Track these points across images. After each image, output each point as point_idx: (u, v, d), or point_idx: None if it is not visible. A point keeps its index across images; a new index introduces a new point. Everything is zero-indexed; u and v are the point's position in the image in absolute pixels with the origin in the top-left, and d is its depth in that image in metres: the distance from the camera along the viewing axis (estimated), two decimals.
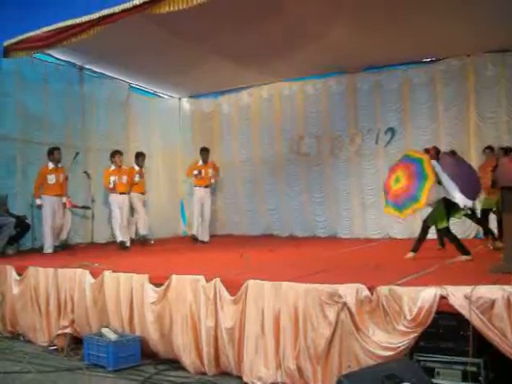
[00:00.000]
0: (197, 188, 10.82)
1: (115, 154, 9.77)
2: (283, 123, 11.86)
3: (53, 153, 8.96)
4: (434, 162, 6.68)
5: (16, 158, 9.43)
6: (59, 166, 9.08)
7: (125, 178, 9.80)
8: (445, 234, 7.06)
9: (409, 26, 8.21)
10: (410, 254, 6.94)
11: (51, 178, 8.88)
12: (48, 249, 8.76)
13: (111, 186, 9.61)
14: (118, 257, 8.16)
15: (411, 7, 7.56)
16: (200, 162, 10.85)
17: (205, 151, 10.91)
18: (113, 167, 9.73)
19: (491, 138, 9.64)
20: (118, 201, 9.74)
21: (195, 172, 10.74)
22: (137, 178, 10.39)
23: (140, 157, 10.57)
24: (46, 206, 8.81)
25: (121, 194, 9.66)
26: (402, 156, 7.10)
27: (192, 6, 5.89)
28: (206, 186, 10.81)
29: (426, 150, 7.92)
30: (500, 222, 9.38)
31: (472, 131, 9.90)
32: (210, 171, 10.88)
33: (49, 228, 8.79)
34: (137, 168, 10.47)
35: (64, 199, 9.15)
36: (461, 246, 6.63)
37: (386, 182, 6.80)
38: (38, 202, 8.84)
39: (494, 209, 8.68)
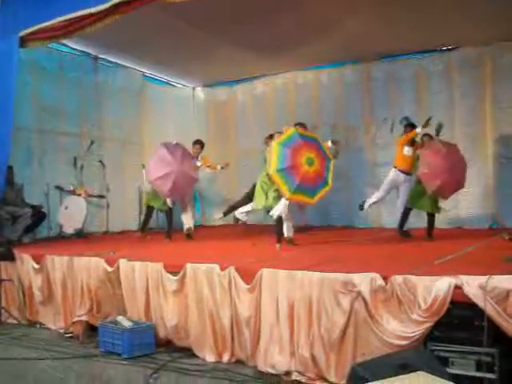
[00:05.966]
0: None
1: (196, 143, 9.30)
2: (298, 112, 11.76)
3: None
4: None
5: (32, 147, 9.50)
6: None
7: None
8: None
9: (425, 14, 8.12)
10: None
11: (408, 150, 8.67)
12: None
13: None
14: (133, 245, 8.22)
15: None
16: None
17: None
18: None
19: (508, 127, 9.55)
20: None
21: None
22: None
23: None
24: (390, 176, 8.74)
25: None
26: (295, 134, 6.85)
27: None
28: None
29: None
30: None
31: (488, 120, 9.78)
32: None
33: (375, 198, 8.91)
34: None
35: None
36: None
37: (293, 162, 6.55)
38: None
39: None
